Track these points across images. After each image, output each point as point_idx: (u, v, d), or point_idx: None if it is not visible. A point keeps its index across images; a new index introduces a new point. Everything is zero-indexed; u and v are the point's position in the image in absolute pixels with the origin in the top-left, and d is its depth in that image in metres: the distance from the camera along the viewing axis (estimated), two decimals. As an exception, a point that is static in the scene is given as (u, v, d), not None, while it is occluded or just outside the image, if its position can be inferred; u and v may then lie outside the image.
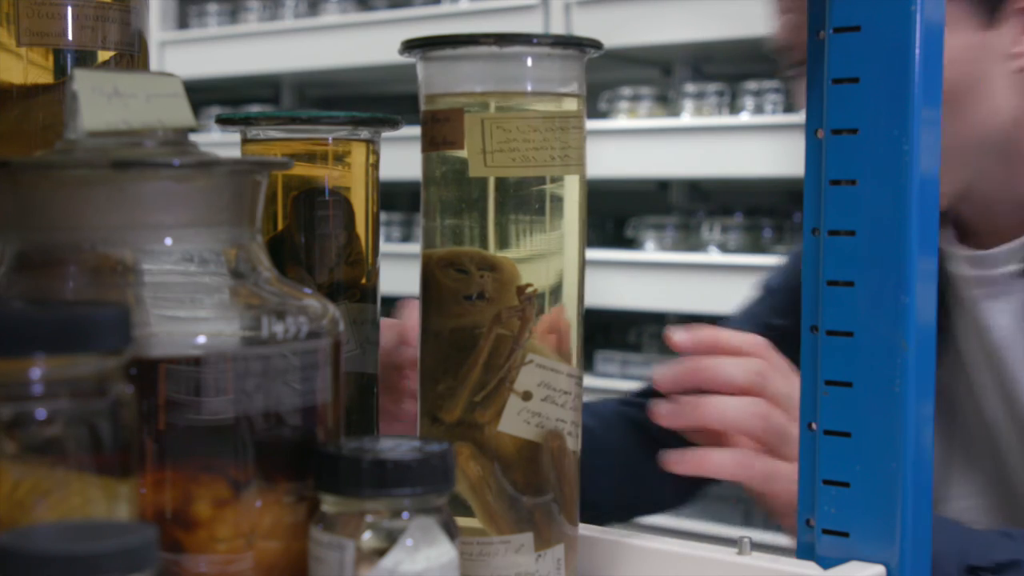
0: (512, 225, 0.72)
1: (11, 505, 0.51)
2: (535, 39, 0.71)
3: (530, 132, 0.71)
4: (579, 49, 0.73)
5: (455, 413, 0.72)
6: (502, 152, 0.71)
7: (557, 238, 0.73)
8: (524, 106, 0.72)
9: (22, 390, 0.51)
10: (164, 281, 0.61)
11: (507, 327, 0.71)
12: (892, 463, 0.71)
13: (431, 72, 0.74)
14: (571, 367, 0.74)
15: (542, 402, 0.72)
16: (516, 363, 0.72)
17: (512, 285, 0.72)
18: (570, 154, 0.72)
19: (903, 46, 0.71)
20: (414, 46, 0.73)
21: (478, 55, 0.72)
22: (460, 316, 0.72)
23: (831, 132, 0.73)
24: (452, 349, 0.72)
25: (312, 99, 3.95)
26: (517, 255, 0.72)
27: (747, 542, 0.75)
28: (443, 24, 3.22)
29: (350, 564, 0.59)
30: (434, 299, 0.73)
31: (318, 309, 0.64)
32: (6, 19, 0.73)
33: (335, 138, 0.82)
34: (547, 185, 0.72)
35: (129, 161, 0.60)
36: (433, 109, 0.73)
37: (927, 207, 0.72)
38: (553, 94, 0.73)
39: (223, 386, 0.59)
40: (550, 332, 0.71)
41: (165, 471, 0.59)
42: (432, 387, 0.73)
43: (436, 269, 0.73)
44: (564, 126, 0.72)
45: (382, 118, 0.83)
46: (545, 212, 0.72)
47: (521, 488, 0.72)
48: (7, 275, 0.61)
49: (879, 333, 0.72)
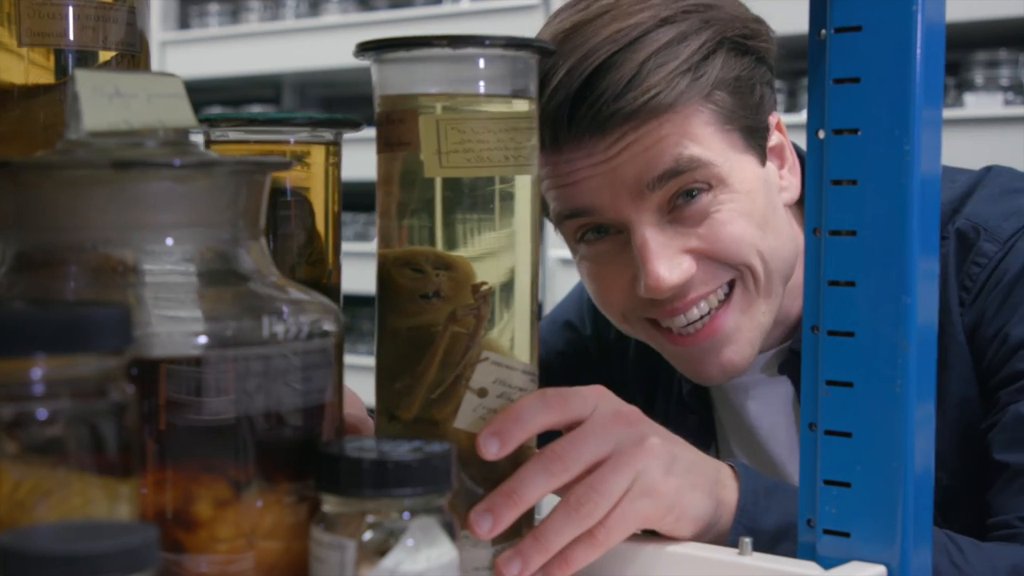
0: (467, 224, 0.73)
1: (12, 505, 0.51)
2: (487, 41, 0.71)
3: (484, 133, 0.72)
4: (532, 51, 0.73)
5: (412, 410, 0.73)
6: (457, 153, 0.71)
7: (510, 236, 0.73)
8: (477, 107, 0.73)
9: (23, 390, 0.51)
10: (165, 281, 0.61)
11: (462, 325, 0.72)
12: (893, 463, 0.71)
13: (386, 74, 0.74)
14: (526, 364, 0.75)
15: (497, 399, 0.73)
16: (472, 361, 0.72)
17: (467, 284, 0.73)
18: (523, 154, 0.73)
19: (904, 46, 0.70)
20: (368, 48, 0.73)
21: (432, 57, 0.73)
22: (416, 315, 0.73)
23: (832, 132, 0.73)
24: (409, 347, 0.73)
25: (313, 99, 3.95)
26: (472, 254, 0.73)
27: (748, 542, 0.75)
28: (444, 24, 3.22)
29: (351, 564, 0.59)
30: (391, 298, 0.74)
31: (319, 309, 0.64)
32: (7, 19, 0.73)
33: (296, 140, 0.83)
34: (501, 185, 0.73)
35: (130, 161, 0.60)
36: (388, 110, 0.74)
37: (928, 207, 0.72)
38: (506, 95, 0.73)
39: (224, 386, 0.59)
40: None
41: (166, 471, 0.59)
42: (389, 385, 0.74)
43: (392, 268, 0.74)
44: (517, 127, 0.73)
45: (343, 120, 0.84)
46: (499, 211, 0.73)
47: (479, 483, 0.73)
48: (8, 275, 0.61)
49: (880, 333, 0.72)
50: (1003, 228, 1.03)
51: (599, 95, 0.94)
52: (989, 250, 1.03)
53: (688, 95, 0.95)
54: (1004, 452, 0.97)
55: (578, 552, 0.74)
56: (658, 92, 0.94)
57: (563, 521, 0.73)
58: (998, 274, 1.02)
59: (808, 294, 0.75)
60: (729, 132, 0.99)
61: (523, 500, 0.72)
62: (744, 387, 1.13)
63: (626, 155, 0.96)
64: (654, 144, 0.95)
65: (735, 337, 1.01)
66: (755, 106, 1.01)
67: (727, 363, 1.02)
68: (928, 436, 0.73)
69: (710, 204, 0.97)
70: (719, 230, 0.98)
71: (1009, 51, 2.56)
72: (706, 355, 1.01)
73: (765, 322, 1.02)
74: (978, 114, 2.46)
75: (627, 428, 0.77)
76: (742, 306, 1.00)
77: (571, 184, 0.98)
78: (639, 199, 0.96)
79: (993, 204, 1.05)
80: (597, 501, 0.74)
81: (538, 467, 0.74)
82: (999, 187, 1.08)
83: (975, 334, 1.02)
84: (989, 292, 1.02)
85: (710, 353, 1.01)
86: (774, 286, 1.02)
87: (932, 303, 0.74)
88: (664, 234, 0.97)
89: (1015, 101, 2.54)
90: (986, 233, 1.03)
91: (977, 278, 1.02)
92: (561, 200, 1.00)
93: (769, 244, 1.01)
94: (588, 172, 0.97)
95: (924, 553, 0.73)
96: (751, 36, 1.01)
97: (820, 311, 0.74)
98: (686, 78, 0.95)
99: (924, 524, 0.73)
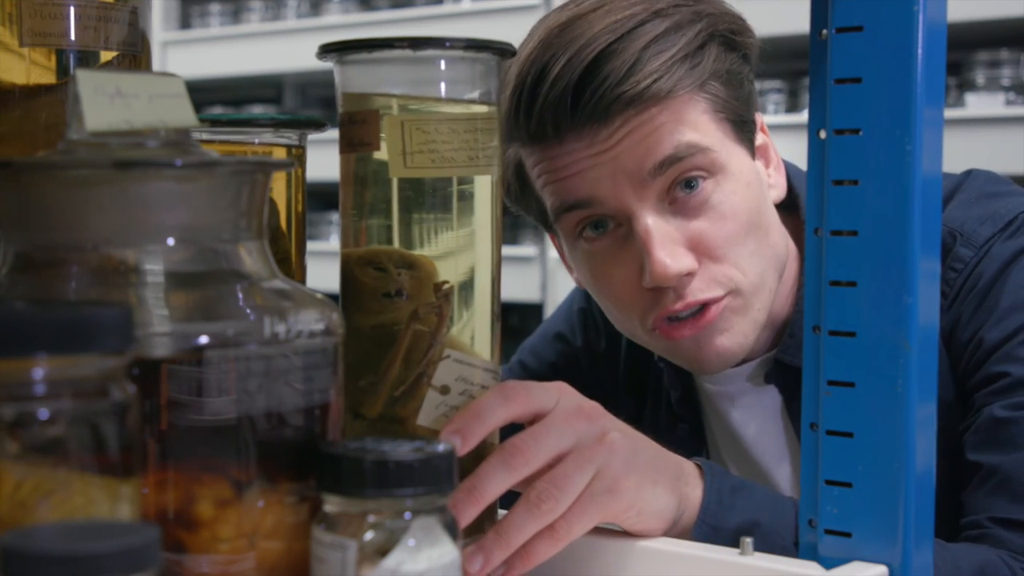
0: (429, 224, 0.73)
1: (14, 505, 0.51)
2: (448, 42, 0.72)
3: (448, 134, 0.72)
4: (492, 52, 0.74)
5: (376, 408, 0.74)
6: (421, 153, 0.72)
7: (470, 236, 0.74)
8: (439, 108, 0.73)
9: (25, 390, 0.51)
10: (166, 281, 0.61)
11: (425, 323, 0.73)
12: (894, 463, 0.71)
13: (348, 75, 0.75)
14: (487, 361, 0.75)
15: (460, 396, 0.74)
16: (434, 359, 0.73)
17: (430, 282, 0.73)
18: (486, 155, 0.74)
19: (905, 46, 0.70)
20: (330, 50, 0.74)
21: (393, 58, 0.73)
22: (379, 313, 0.73)
23: (833, 132, 0.73)
24: (372, 345, 0.74)
25: (314, 99, 3.95)
26: (434, 253, 0.74)
27: (749, 542, 0.75)
28: (444, 24, 3.22)
29: (352, 564, 0.59)
30: (354, 297, 0.74)
31: (320, 309, 0.64)
32: (9, 19, 0.73)
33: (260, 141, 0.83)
34: (463, 185, 0.74)
35: (131, 161, 0.60)
36: (350, 111, 0.74)
37: (929, 207, 0.72)
38: (468, 97, 0.74)
39: (225, 386, 0.59)
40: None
41: (167, 471, 0.59)
42: (353, 383, 0.74)
43: (355, 267, 0.74)
44: (480, 128, 0.74)
45: (306, 120, 0.84)
46: (461, 211, 0.74)
47: None
48: (9, 275, 0.61)
49: (881, 333, 0.72)
50: (978, 233, 1.04)
51: (601, 81, 0.95)
52: (965, 255, 1.04)
53: (685, 83, 0.97)
54: (977, 453, 0.98)
55: (539, 546, 0.75)
56: (658, 77, 0.95)
57: (524, 517, 0.74)
58: (973, 278, 1.03)
59: (809, 294, 0.75)
60: (723, 122, 1.00)
61: (484, 496, 0.73)
62: (730, 396, 1.13)
63: (627, 143, 0.96)
64: (653, 131, 0.96)
65: (728, 327, 1.01)
66: (744, 100, 1.03)
67: (723, 350, 1.02)
68: (929, 436, 0.73)
69: (711, 193, 0.98)
70: (720, 222, 0.98)
71: (1011, 51, 2.56)
72: (701, 343, 1.02)
73: (759, 318, 1.03)
74: (979, 114, 2.46)
75: (588, 423, 0.77)
76: (734, 306, 1.01)
77: (571, 176, 0.99)
78: (640, 188, 0.97)
79: (969, 209, 1.06)
80: (558, 497, 0.74)
81: (498, 462, 0.74)
82: (976, 191, 1.08)
83: (952, 338, 1.03)
84: (965, 296, 1.03)
85: (705, 341, 1.01)
86: (767, 282, 1.03)
87: (933, 303, 0.74)
88: (667, 223, 0.98)
89: (1016, 101, 2.54)
90: (962, 238, 1.04)
91: (953, 283, 1.03)
92: (560, 193, 1.00)
93: (763, 238, 1.02)
94: (589, 162, 0.98)
95: (925, 553, 0.73)
96: (738, 32, 1.03)
97: (821, 311, 0.74)
98: (683, 65, 0.97)
99: (925, 524, 0.73)
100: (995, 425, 0.97)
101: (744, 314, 1.01)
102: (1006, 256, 1.03)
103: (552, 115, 0.96)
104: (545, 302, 2.99)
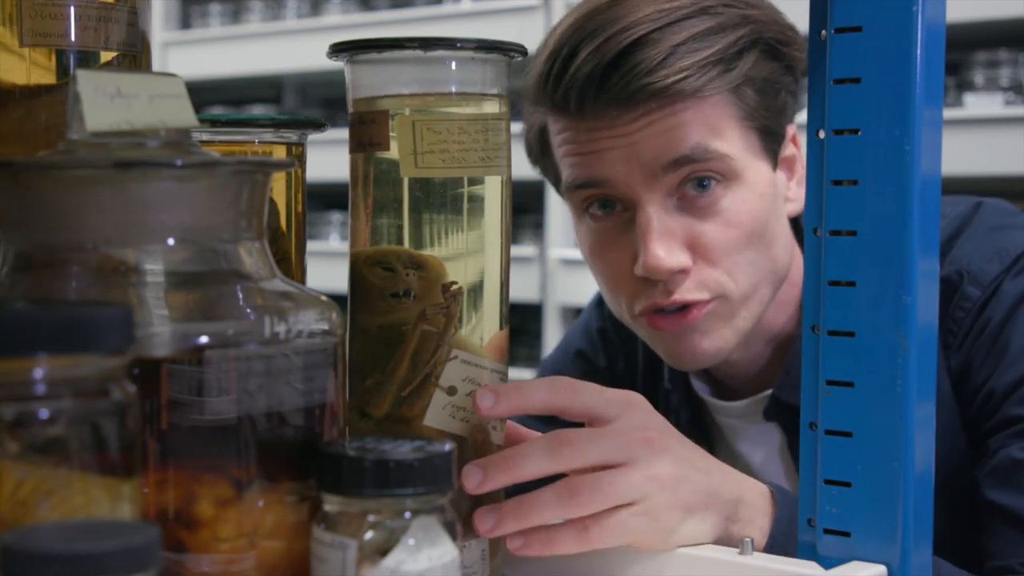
0: (438, 224, 0.74)
1: (14, 505, 0.51)
2: (459, 43, 0.72)
3: (459, 134, 0.73)
4: (502, 53, 0.74)
5: (383, 408, 0.74)
6: (432, 153, 0.72)
7: (480, 237, 0.74)
8: (449, 108, 0.73)
9: (25, 390, 0.51)
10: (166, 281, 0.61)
11: (432, 324, 0.73)
12: (894, 463, 0.71)
13: (358, 75, 0.75)
14: (495, 363, 0.75)
15: (467, 397, 0.74)
16: (441, 359, 0.73)
17: (438, 283, 0.73)
18: (497, 155, 0.74)
19: (905, 46, 0.71)
20: (341, 50, 0.74)
21: (403, 59, 0.73)
22: (387, 313, 0.73)
23: (832, 132, 0.73)
24: (379, 345, 0.74)
25: (314, 99, 3.95)
26: (443, 253, 0.74)
27: (749, 542, 0.75)
28: (445, 25, 3.22)
29: (352, 563, 0.59)
30: (362, 296, 0.74)
31: (320, 309, 0.64)
32: (9, 20, 0.73)
33: (260, 141, 0.83)
34: (473, 186, 0.74)
35: (131, 161, 0.60)
36: (360, 111, 0.75)
37: (928, 207, 0.72)
38: (478, 96, 0.74)
39: (225, 386, 0.59)
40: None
41: (168, 471, 0.59)
42: (360, 382, 0.74)
43: (363, 267, 0.74)
44: (491, 127, 0.74)
45: (306, 120, 0.84)
46: (471, 212, 0.74)
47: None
48: (10, 275, 0.61)
49: (880, 333, 0.72)
50: (986, 271, 1.03)
51: (631, 67, 0.95)
52: (972, 294, 1.02)
53: (716, 84, 0.97)
54: (997, 493, 0.96)
55: (565, 538, 0.73)
56: (687, 75, 0.96)
57: (551, 500, 0.72)
58: (983, 320, 1.02)
59: (808, 294, 0.75)
60: (748, 129, 1.00)
61: (518, 468, 0.71)
62: (733, 429, 1.14)
63: (646, 132, 0.97)
64: (675, 127, 0.97)
65: (709, 329, 1.02)
66: (777, 110, 1.03)
67: (700, 351, 1.03)
68: (928, 436, 0.73)
69: (721, 197, 0.98)
70: (724, 228, 0.99)
71: (1009, 51, 2.56)
72: (680, 339, 1.02)
73: (744, 327, 1.03)
74: (978, 114, 2.46)
75: (645, 447, 0.75)
76: (719, 311, 1.01)
77: (588, 153, 0.99)
78: (651, 179, 0.98)
79: (978, 245, 1.05)
80: (595, 495, 0.72)
81: (545, 444, 0.73)
82: (984, 225, 1.07)
83: (963, 382, 1.02)
84: (975, 338, 1.02)
85: (684, 338, 1.02)
86: (759, 293, 1.03)
87: (932, 303, 0.74)
88: (670, 218, 0.98)
89: (1015, 101, 2.54)
90: (969, 276, 1.03)
91: (962, 323, 1.02)
92: (576, 168, 1.01)
93: (764, 250, 1.02)
94: (607, 144, 0.98)
95: (924, 552, 0.73)
96: (785, 43, 1.02)
97: (820, 311, 0.74)
98: (717, 68, 0.97)
99: (924, 524, 0.73)
100: (1015, 467, 0.96)
101: (728, 321, 1.02)
102: (1015, 296, 1.01)
103: (578, 92, 0.97)
104: (545, 302, 2.99)
